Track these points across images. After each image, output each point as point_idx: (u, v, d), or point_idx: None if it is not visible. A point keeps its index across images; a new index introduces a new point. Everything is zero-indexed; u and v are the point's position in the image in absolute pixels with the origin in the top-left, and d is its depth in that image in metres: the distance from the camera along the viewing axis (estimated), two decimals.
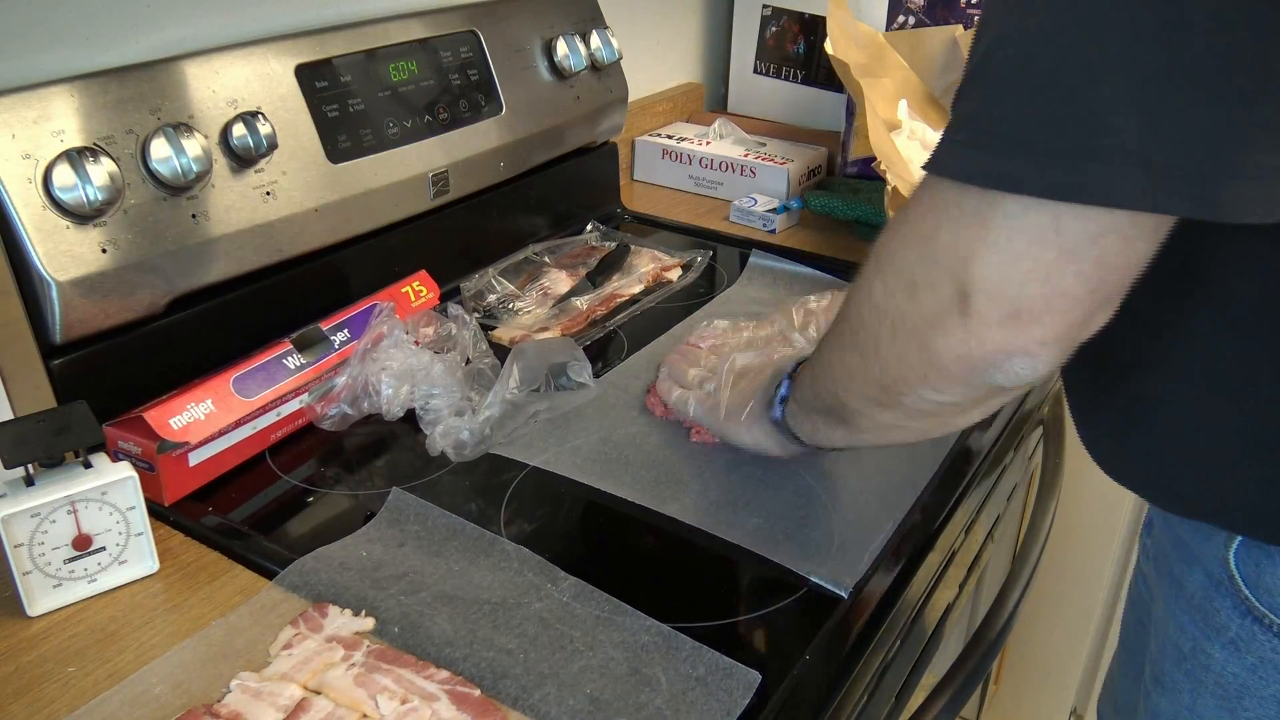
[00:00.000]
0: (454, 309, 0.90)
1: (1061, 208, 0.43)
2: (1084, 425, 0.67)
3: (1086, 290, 0.45)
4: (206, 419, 0.74)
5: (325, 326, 0.85)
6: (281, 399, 0.79)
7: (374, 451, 0.82)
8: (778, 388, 0.72)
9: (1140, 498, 0.69)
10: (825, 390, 0.63)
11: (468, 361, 0.87)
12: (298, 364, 0.82)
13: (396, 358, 0.82)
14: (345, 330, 0.86)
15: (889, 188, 1.05)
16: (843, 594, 0.66)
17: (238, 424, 0.76)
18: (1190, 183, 0.42)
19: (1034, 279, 0.45)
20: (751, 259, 1.16)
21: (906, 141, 1.21)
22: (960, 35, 1.28)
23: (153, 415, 0.71)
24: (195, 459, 0.74)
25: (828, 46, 1.18)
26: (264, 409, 0.78)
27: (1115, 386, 0.62)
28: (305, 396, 0.81)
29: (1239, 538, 0.59)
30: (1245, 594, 0.59)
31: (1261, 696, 0.61)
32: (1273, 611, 0.58)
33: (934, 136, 1.23)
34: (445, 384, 0.81)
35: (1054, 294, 0.45)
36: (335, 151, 0.90)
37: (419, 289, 0.94)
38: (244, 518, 0.74)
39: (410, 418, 0.82)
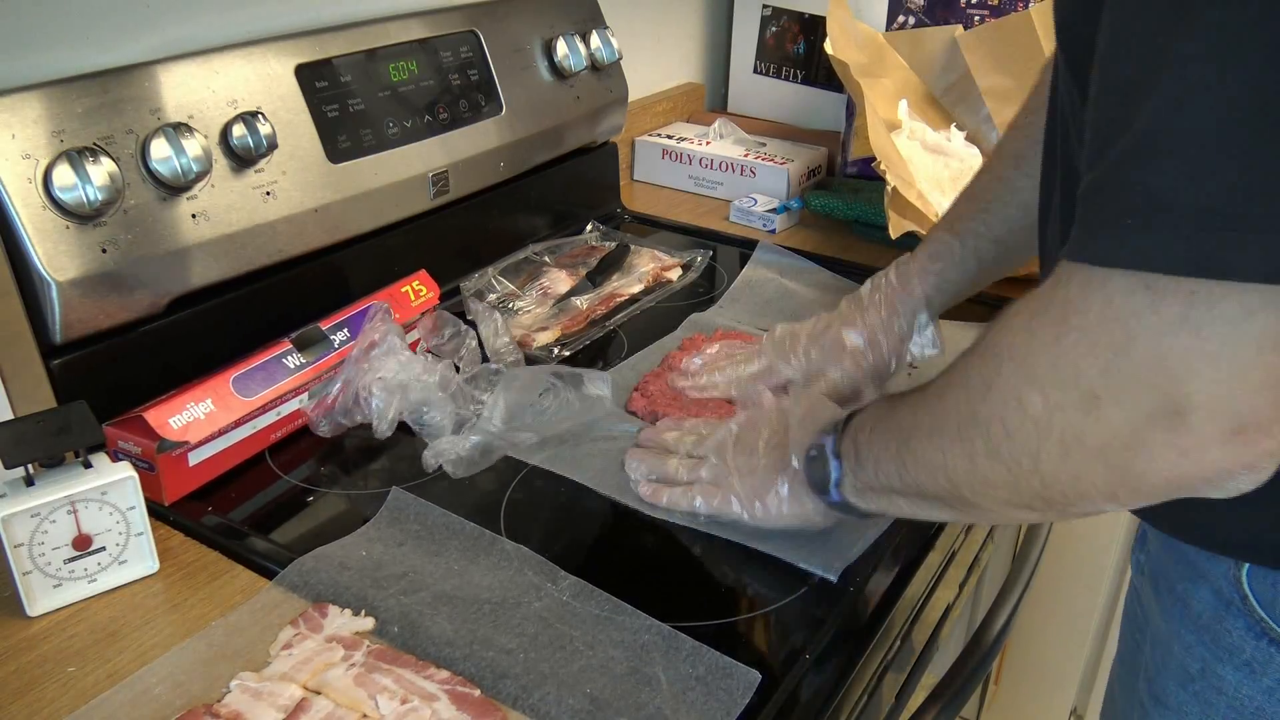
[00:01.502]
0: (474, 304, 0.89)
1: None
2: None
3: None
4: (206, 418, 0.74)
5: (325, 326, 0.85)
6: (281, 399, 0.79)
7: (374, 451, 0.82)
8: (824, 468, 0.64)
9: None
10: (928, 482, 0.56)
11: (463, 369, 0.87)
12: (297, 364, 0.82)
13: (389, 368, 0.81)
14: (345, 330, 0.86)
15: (889, 188, 1.05)
16: (832, 578, 0.67)
17: (237, 424, 0.76)
18: None
19: (1265, 388, 0.40)
20: (757, 252, 1.16)
21: (906, 141, 1.21)
22: (960, 35, 1.28)
23: (153, 415, 0.71)
24: (195, 459, 0.74)
25: (828, 46, 1.18)
26: (264, 409, 0.78)
27: None
28: (305, 397, 0.81)
29: None
30: (1261, 615, 0.57)
31: None
32: None
33: (934, 136, 1.23)
34: (438, 400, 0.80)
35: None
36: (335, 151, 0.90)
37: (419, 289, 0.94)
38: (244, 518, 0.74)
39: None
